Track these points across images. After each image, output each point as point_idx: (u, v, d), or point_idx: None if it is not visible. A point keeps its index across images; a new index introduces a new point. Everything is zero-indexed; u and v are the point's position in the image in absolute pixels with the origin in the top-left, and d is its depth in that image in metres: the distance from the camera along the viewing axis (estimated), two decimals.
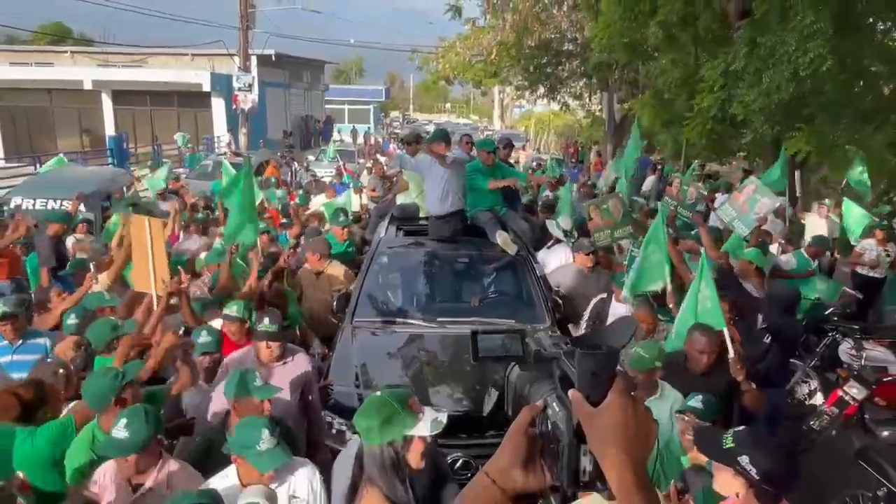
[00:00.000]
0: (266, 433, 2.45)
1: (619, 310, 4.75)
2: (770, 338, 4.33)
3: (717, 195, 10.36)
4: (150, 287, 4.00)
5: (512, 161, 8.60)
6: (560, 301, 4.83)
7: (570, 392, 0.75)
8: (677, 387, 3.34)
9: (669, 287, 4.41)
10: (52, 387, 2.95)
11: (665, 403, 3.26)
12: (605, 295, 5.02)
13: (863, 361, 5.61)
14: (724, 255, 5.53)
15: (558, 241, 6.30)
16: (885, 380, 5.07)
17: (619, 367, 0.76)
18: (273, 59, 24.56)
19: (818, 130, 8.43)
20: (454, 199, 5.19)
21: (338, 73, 58.59)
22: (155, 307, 3.79)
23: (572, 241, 6.15)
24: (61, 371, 3.11)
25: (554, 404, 0.78)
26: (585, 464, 0.74)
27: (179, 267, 4.18)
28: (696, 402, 2.91)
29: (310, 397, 3.62)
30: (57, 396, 2.95)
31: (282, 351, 3.55)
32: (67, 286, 4.89)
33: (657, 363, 3.27)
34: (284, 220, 7.77)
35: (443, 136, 5.22)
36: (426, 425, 2.01)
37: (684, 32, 10.84)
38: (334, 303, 4.71)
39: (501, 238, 5.02)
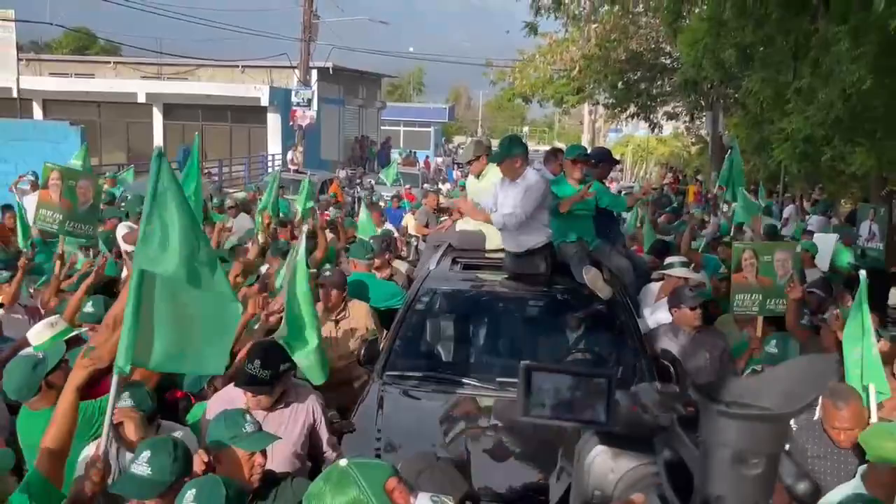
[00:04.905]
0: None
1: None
2: None
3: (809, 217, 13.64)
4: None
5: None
6: (672, 368, 4.68)
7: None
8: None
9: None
10: None
11: None
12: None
13: None
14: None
15: None
16: None
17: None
18: (331, 72, 29.43)
19: (879, 144, 11.61)
20: (537, 229, 5.08)
21: (392, 88, 63.86)
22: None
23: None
24: None
25: None
26: None
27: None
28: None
29: (322, 447, 3.84)
30: None
31: (274, 399, 3.67)
32: None
33: None
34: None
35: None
36: None
37: (780, 45, 14.04)
38: (361, 351, 4.88)
39: (590, 276, 4.89)
